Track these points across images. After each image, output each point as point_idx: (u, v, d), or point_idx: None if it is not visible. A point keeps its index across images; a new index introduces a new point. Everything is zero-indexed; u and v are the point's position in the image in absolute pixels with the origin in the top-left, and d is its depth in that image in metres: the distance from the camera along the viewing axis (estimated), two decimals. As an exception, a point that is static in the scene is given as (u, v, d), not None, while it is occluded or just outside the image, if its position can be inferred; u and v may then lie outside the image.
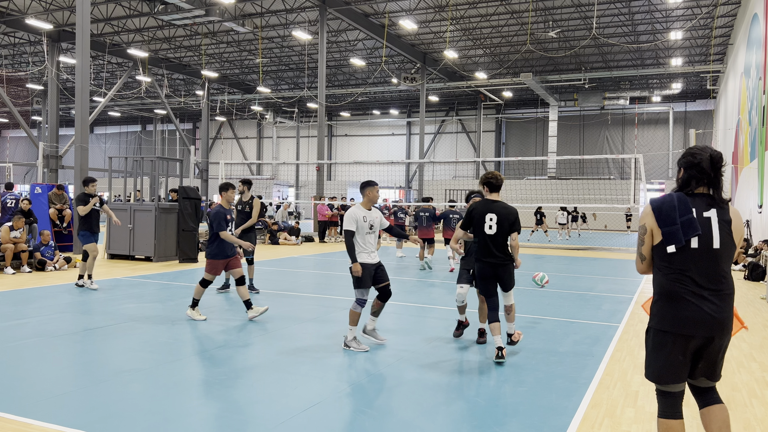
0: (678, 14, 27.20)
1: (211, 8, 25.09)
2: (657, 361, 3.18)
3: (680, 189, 3.25)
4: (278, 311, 8.44)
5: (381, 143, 52.37)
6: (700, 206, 3.14)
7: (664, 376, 3.17)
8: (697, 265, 3.08)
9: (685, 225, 3.08)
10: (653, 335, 3.20)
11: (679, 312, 3.07)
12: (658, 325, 3.16)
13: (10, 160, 49.05)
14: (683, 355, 3.11)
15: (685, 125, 42.27)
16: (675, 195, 3.19)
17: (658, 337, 3.16)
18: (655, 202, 3.22)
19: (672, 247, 3.10)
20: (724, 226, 3.12)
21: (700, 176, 3.17)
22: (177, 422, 4.23)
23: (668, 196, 3.20)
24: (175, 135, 55.01)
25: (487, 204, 6.10)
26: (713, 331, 3.07)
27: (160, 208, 14.33)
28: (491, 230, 6.01)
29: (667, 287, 3.13)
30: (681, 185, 3.25)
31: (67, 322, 7.41)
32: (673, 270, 3.12)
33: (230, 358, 5.91)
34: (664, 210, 3.14)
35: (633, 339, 7.19)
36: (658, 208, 3.17)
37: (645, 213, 3.24)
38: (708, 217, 3.12)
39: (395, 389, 5.09)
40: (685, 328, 3.06)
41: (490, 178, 6.17)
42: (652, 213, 3.18)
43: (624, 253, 20.77)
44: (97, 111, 32.41)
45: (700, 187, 3.18)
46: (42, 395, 4.71)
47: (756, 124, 16.90)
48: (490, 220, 6.02)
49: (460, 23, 29.39)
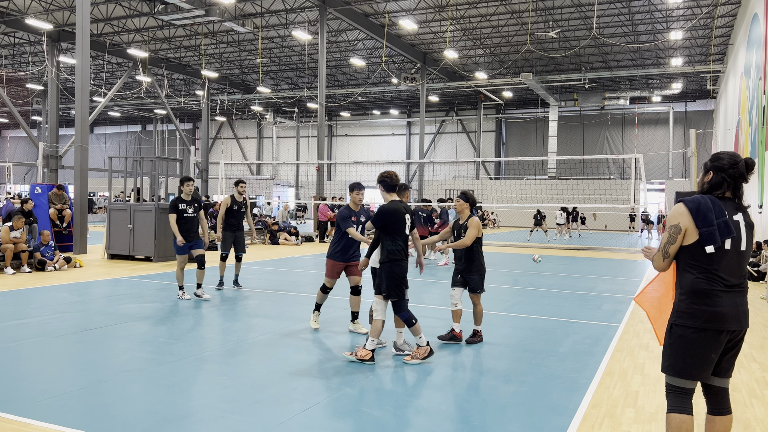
0: (678, 14, 27.20)
1: (211, 8, 25.09)
2: (688, 357, 3.21)
3: (709, 191, 3.30)
4: (278, 311, 8.44)
5: (381, 143, 52.38)
6: (729, 209, 3.23)
7: (692, 372, 3.22)
8: (727, 266, 3.19)
9: (721, 227, 3.17)
10: (682, 332, 3.23)
11: (714, 308, 3.16)
12: (690, 323, 3.20)
13: (10, 160, 49.05)
14: (716, 351, 3.20)
15: (685, 125, 42.27)
16: (708, 197, 3.24)
17: (689, 334, 3.20)
18: (691, 203, 3.24)
19: (711, 248, 3.16)
20: (749, 230, 3.26)
21: (731, 180, 3.25)
22: (177, 422, 4.23)
23: (701, 197, 3.25)
24: (175, 135, 55.02)
25: (398, 205, 5.98)
26: (743, 324, 3.22)
27: (160, 208, 14.33)
28: (408, 230, 6.06)
29: (699, 286, 3.20)
30: (710, 188, 3.29)
31: (67, 322, 7.41)
32: (704, 269, 3.19)
33: (230, 358, 5.91)
34: (702, 210, 3.19)
35: (633, 339, 7.19)
36: (696, 208, 3.20)
37: (678, 212, 3.25)
38: (737, 220, 3.24)
39: (395, 389, 5.09)
40: (721, 323, 3.15)
41: (385, 177, 6.03)
42: (689, 213, 3.21)
43: (624, 253, 20.76)
44: (97, 111, 32.41)
45: (728, 191, 3.27)
46: (42, 395, 4.71)
47: (756, 124, 16.90)
48: (408, 220, 5.99)
49: (460, 23, 29.39)
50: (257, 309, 8.64)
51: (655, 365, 6.03)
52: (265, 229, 21.65)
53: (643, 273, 14.39)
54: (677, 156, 42.16)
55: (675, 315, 3.28)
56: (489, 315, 8.52)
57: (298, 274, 12.88)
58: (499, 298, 10.04)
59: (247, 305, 8.89)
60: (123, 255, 14.69)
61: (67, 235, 15.83)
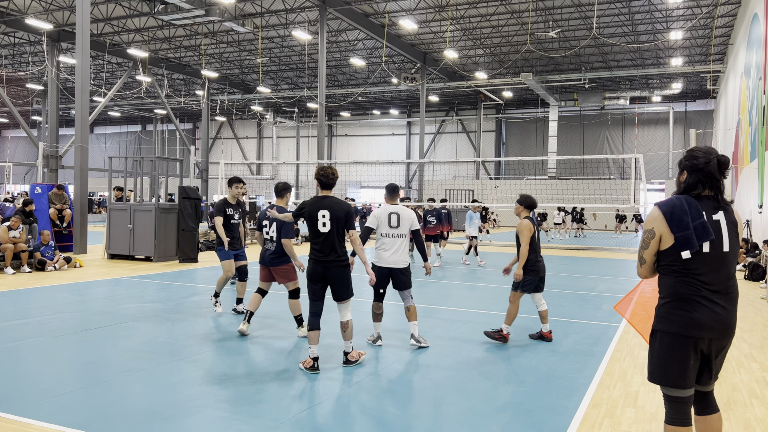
0: (678, 14, 27.19)
1: (211, 8, 25.08)
2: (667, 364, 3.10)
3: (685, 192, 3.15)
4: (278, 311, 8.44)
5: (381, 143, 52.38)
6: (708, 209, 3.08)
7: (674, 379, 3.10)
8: (708, 269, 3.03)
9: (698, 230, 3.02)
10: (661, 338, 3.12)
11: (691, 315, 3.02)
12: (667, 328, 3.09)
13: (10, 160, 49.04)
14: (694, 359, 3.07)
15: (685, 125, 42.27)
16: (683, 198, 3.10)
17: (668, 340, 3.09)
18: (665, 206, 3.09)
19: (687, 253, 3.02)
20: (731, 229, 3.09)
21: (706, 180, 3.09)
22: (177, 422, 4.23)
23: (676, 199, 3.11)
24: (175, 135, 54.99)
25: (318, 201, 5.60)
26: (723, 334, 3.06)
27: (160, 208, 14.33)
28: (324, 228, 5.52)
29: (678, 290, 3.07)
30: (686, 188, 3.15)
31: (67, 322, 7.41)
32: (684, 273, 3.06)
33: (230, 358, 5.91)
34: (676, 214, 3.05)
35: (633, 339, 7.19)
36: (670, 212, 3.06)
37: (653, 217, 3.12)
38: (717, 220, 3.07)
39: (395, 389, 5.09)
40: (698, 331, 3.02)
41: (320, 173, 5.63)
42: (663, 217, 3.08)
43: (624, 253, 20.76)
44: (97, 111, 32.41)
45: (705, 189, 3.11)
46: (42, 395, 4.71)
47: (756, 124, 16.90)
48: (323, 217, 5.53)
49: (460, 23, 29.39)
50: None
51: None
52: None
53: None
54: (677, 156, 42.13)
55: (656, 319, 3.17)
56: (489, 315, 8.52)
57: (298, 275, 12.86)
58: (500, 298, 10.04)
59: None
60: (123, 255, 14.69)
61: (67, 235, 15.83)
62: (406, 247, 6.48)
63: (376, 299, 6.55)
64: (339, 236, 5.56)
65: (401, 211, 6.46)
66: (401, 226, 6.40)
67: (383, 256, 6.38)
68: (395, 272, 6.38)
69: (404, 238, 6.42)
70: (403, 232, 6.41)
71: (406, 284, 6.43)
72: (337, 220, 5.52)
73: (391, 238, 6.39)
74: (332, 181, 5.61)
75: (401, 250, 6.40)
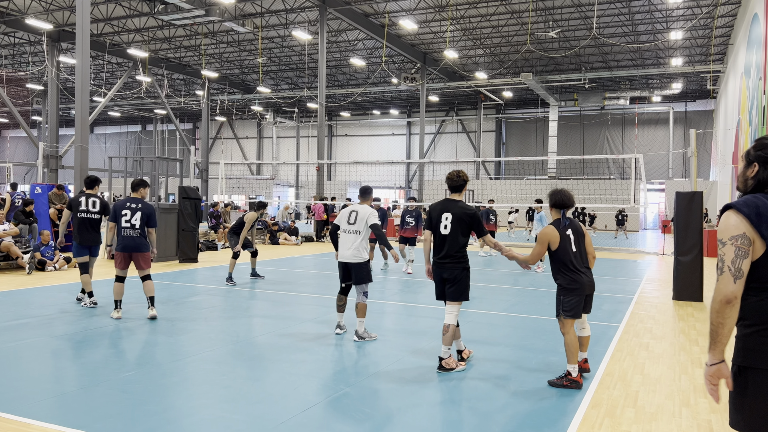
0: (678, 14, 27.21)
1: (211, 8, 25.09)
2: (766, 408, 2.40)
3: (757, 189, 2.55)
4: (278, 311, 8.44)
5: (381, 143, 52.39)
6: None
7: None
8: None
9: None
10: (754, 376, 2.40)
11: None
12: (763, 364, 2.38)
13: (10, 160, 49.03)
14: None
15: (685, 125, 42.29)
16: (761, 196, 2.49)
17: (761, 378, 2.39)
18: (745, 207, 2.46)
19: None
20: None
21: None
22: (177, 422, 4.23)
23: (754, 198, 2.49)
24: (175, 135, 55.02)
25: (444, 204, 5.71)
26: None
27: (160, 208, 14.32)
28: (446, 230, 5.60)
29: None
30: (758, 184, 2.55)
31: (67, 322, 7.41)
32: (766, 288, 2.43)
33: (230, 358, 5.91)
34: (764, 215, 2.42)
35: (633, 339, 7.19)
36: (755, 213, 2.43)
37: (737, 221, 2.44)
38: None
39: (395, 390, 5.08)
40: None
41: (452, 177, 5.77)
42: (747, 221, 2.42)
43: (624, 253, 20.76)
44: (97, 111, 32.42)
45: None
46: (42, 395, 4.71)
47: (756, 124, 16.90)
48: (446, 219, 5.62)
49: (460, 23, 29.39)
50: (257, 309, 8.64)
51: (655, 365, 6.03)
52: (265, 229, 21.65)
53: (643, 273, 14.38)
54: (677, 156, 42.17)
55: (742, 354, 2.45)
56: (489, 315, 8.52)
57: (298, 274, 12.87)
58: (499, 298, 10.04)
59: (248, 305, 8.90)
60: (123, 255, 14.66)
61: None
62: (362, 243, 6.72)
63: (340, 292, 6.97)
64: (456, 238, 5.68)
65: (360, 210, 6.80)
66: (357, 223, 6.74)
67: (341, 252, 6.75)
68: (350, 267, 6.68)
69: (359, 234, 6.71)
70: (358, 228, 6.72)
71: (361, 279, 6.68)
72: (459, 224, 5.66)
73: (347, 234, 6.77)
74: (460, 183, 5.76)
75: (355, 245, 6.68)
